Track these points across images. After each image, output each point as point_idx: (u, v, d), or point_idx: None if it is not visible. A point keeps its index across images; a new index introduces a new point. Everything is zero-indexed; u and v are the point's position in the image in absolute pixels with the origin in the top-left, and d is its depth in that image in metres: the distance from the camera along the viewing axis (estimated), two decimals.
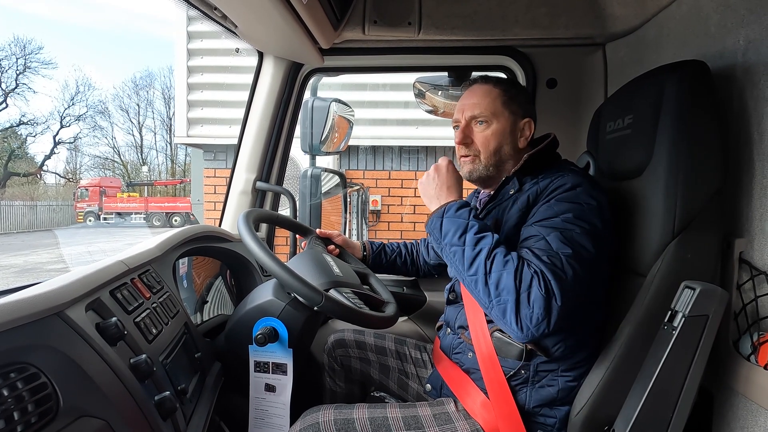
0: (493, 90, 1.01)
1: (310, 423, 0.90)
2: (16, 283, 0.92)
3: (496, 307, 0.81)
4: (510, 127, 1.00)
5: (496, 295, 0.81)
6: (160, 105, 27.91)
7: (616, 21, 1.27)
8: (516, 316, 0.79)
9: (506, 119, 1.00)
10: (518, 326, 0.79)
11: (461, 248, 0.86)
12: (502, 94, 1.00)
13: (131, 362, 0.67)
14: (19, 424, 0.50)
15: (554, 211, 0.87)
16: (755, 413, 0.77)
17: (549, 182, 0.92)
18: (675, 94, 0.84)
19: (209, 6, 1.13)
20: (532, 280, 0.79)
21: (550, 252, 0.82)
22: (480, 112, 1.00)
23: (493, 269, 0.82)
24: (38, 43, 32.49)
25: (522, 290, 0.79)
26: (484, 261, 0.83)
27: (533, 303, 0.78)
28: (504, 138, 1.00)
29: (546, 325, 0.78)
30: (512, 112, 1.00)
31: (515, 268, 0.80)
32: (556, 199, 0.88)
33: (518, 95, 1.02)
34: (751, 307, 0.82)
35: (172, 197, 20.18)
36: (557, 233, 0.83)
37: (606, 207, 0.89)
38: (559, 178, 0.91)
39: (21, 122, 24.49)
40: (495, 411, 0.90)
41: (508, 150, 1.00)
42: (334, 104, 1.53)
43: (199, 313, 1.23)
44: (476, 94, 1.02)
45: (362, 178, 5.32)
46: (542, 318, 0.77)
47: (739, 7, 0.87)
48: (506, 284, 0.79)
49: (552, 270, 0.79)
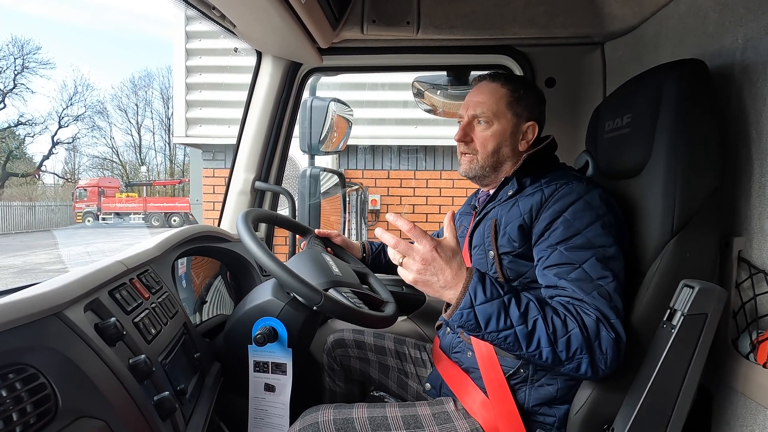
0: (500, 90, 1.00)
1: (310, 423, 0.90)
2: (14, 284, 0.92)
3: (569, 365, 0.77)
4: (512, 129, 0.99)
5: (568, 359, 0.76)
6: (158, 105, 27.96)
7: (615, 20, 1.27)
8: (593, 367, 0.76)
9: (508, 121, 0.99)
10: (594, 373, 0.77)
11: (512, 330, 0.76)
12: (508, 94, 0.99)
13: (130, 362, 0.67)
14: (17, 425, 0.50)
15: (576, 228, 0.84)
16: (754, 411, 0.77)
17: (554, 190, 0.90)
18: (673, 93, 0.84)
19: (208, 6, 1.13)
20: (598, 327, 0.76)
21: (596, 286, 0.80)
22: (482, 111, 0.99)
23: (558, 336, 0.76)
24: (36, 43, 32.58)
25: (593, 341, 0.76)
26: (545, 332, 0.75)
27: (606, 348, 0.76)
28: (504, 140, 0.99)
29: (617, 362, 0.77)
30: (516, 114, 0.99)
31: (578, 323, 0.76)
32: (572, 211, 0.86)
33: (527, 97, 1.00)
34: (749, 306, 0.82)
35: (171, 197, 20.18)
36: (591, 259, 0.81)
37: (617, 209, 0.89)
38: (564, 187, 0.89)
39: (19, 122, 24.47)
40: (494, 410, 0.90)
41: (506, 152, 1.00)
42: (333, 104, 1.53)
43: (198, 313, 1.23)
44: (483, 92, 1.01)
45: (361, 177, 5.32)
46: (615, 358, 0.77)
47: (737, 6, 0.87)
48: (578, 343, 0.75)
49: (609, 306, 0.78)
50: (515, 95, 1.00)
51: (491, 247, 0.95)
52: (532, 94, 1.02)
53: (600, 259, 0.81)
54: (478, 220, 1.02)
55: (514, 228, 0.91)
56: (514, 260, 0.92)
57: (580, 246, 0.83)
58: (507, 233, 0.93)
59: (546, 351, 0.75)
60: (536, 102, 1.02)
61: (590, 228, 0.84)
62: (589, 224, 0.84)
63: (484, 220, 1.00)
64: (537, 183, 0.94)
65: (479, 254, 0.98)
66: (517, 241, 0.91)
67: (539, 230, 0.88)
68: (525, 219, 0.90)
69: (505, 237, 0.93)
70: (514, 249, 0.92)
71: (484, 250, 0.97)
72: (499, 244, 0.94)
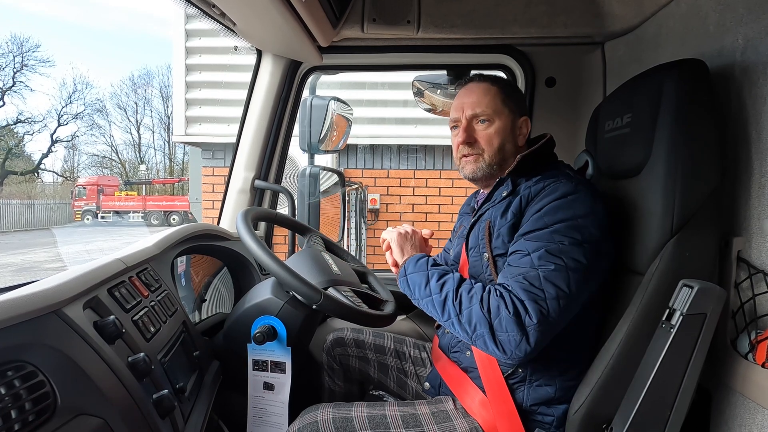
0: (492, 88, 1.00)
1: (309, 422, 0.90)
2: (13, 282, 0.92)
3: (477, 341, 0.83)
4: (510, 124, 1.00)
5: (472, 331, 0.82)
6: (158, 103, 27.89)
7: (615, 20, 1.27)
8: (495, 343, 0.80)
9: (506, 117, 0.99)
10: (501, 352, 0.80)
11: (430, 298, 0.89)
12: (500, 92, 1.00)
13: (129, 360, 0.67)
14: (16, 423, 0.50)
15: (543, 222, 0.85)
16: (753, 411, 0.77)
17: (541, 188, 0.90)
18: (674, 92, 0.84)
19: (208, 4, 1.13)
20: (498, 305, 0.80)
21: (528, 270, 0.82)
22: (482, 110, 0.99)
23: (463, 307, 0.84)
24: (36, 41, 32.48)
25: (493, 317, 0.80)
26: (452, 303, 0.85)
27: (506, 327, 0.79)
28: (506, 135, 0.99)
29: (526, 344, 0.78)
30: (511, 110, 1.00)
31: (480, 299, 0.83)
32: (548, 208, 0.86)
33: (514, 94, 1.03)
34: (749, 306, 0.82)
35: (171, 196, 20.16)
36: (542, 249, 0.83)
37: (602, 213, 0.87)
38: (551, 185, 0.89)
39: (18, 120, 24.43)
40: (493, 409, 0.90)
41: (510, 148, 1.00)
42: (333, 102, 1.53)
43: (197, 312, 1.23)
44: (475, 92, 1.01)
45: (361, 176, 5.31)
46: (520, 338, 0.78)
47: (737, 6, 0.87)
48: (477, 317, 0.81)
49: (525, 289, 0.80)
50: (506, 92, 1.01)
51: (485, 249, 0.94)
52: (517, 91, 1.05)
53: (551, 251, 0.82)
54: (473, 222, 1.02)
55: (506, 229, 0.91)
56: None
57: (538, 237, 0.84)
58: (501, 235, 0.92)
59: (455, 321, 0.85)
60: (521, 99, 1.05)
61: (559, 224, 0.84)
62: (559, 221, 0.84)
63: (479, 221, 1.00)
64: (529, 182, 0.94)
65: (475, 256, 0.98)
66: (509, 243, 0.91)
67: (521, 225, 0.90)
68: (516, 218, 0.91)
69: (499, 239, 0.93)
70: (507, 251, 0.91)
71: (479, 251, 0.97)
72: (493, 245, 0.93)
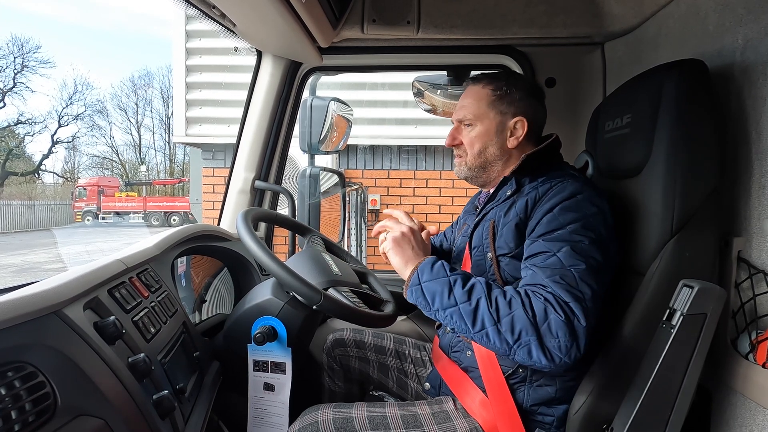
0: (481, 91, 1.01)
1: (309, 422, 0.90)
2: (14, 283, 0.92)
3: (519, 351, 0.76)
4: (496, 127, 0.99)
5: (515, 340, 0.75)
6: (158, 104, 27.92)
7: (615, 20, 1.27)
8: (543, 351, 0.75)
9: (491, 120, 0.99)
10: (549, 360, 0.75)
11: (456, 308, 0.79)
12: (489, 94, 1.00)
13: (129, 361, 0.67)
14: (16, 423, 0.50)
15: (559, 222, 0.85)
16: (753, 411, 0.77)
17: (548, 188, 0.90)
18: (673, 93, 0.84)
19: (208, 5, 1.13)
20: (545, 309, 0.76)
21: (563, 271, 0.79)
22: (464, 115, 1.01)
23: (501, 314, 0.77)
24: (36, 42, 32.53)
25: (540, 323, 0.75)
26: (487, 310, 0.77)
27: (556, 331, 0.74)
28: (488, 139, 1.00)
29: (576, 349, 0.75)
30: (500, 112, 0.99)
31: (522, 303, 0.76)
32: (559, 208, 0.86)
33: (510, 93, 0.99)
34: (749, 306, 0.82)
35: (171, 197, 20.18)
36: (567, 248, 0.81)
37: (609, 213, 0.88)
38: (558, 185, 0.90)
39: (19, 121, 24.46)
40: (493, 409, 0.90)
41: (493, 151, 1.00)
42: (333, 103, 1.53)
43: (197, 312, 1.23)
44: (467, 95, 1.03)
45: (361, 177, 5.32)
46: (571, 343, 0.74)
47: (737, 7, 0.87)
48: (522, 324, 0.75)
49: (566, 290, 0.77)
50: (497, 93, 1.00)
51: (489, 248, 0.95)
52: (519, 89, 1.00)
53: (576, 250, 0.81)
54: (477, 221, 1.02)
55: (511, 229, 0.91)
56: (511, 262, 0.92)
57: (558, 238, 0.84)
58: (504, 234, 0.92)
59: (491, 331, 0.76)
60: (525, 96, 1.00)
61: (573, 225, 0.84)
62: (572, 221, 0.84)
63: (483, 220, 1.00)
64: (534, 182, 0.94)
65: (478, 255, 0.98)
66: (513, 242, 0.91)
67: (531, 227, 0.89)
68: (521, 218, 0.91)
69: (502, 238, 0.93)
70: (511, 250, 0.91)
71: (483, 251, 0.97)
72: (497, 245, 0.94)
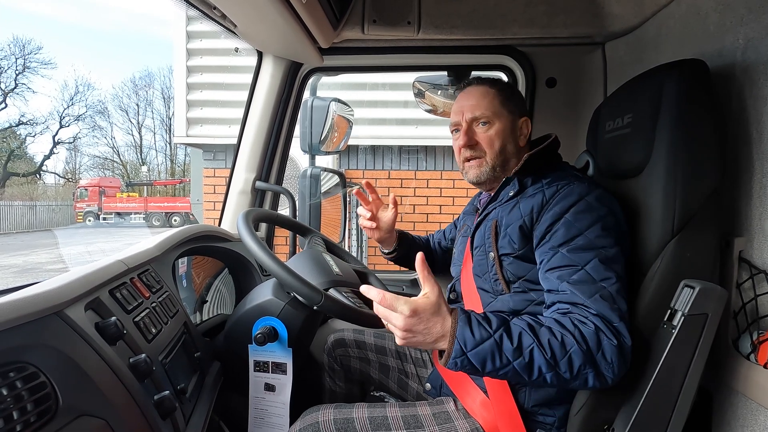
0: (490, 90, 1.01)
1: (310, 422, 0.90)
2: (15, 283, 0.92)
3: (577, 383, 0.75)
4: (510, 125, 1.00)
5: (574, 376, 0.73)
6: (159, 105, 27.95)
7: (615, 20, 1.27)
8: (599, 378, 0.74)
9: (506, 118, 1.00)
10: (603, 384, 0.75)
11: (510, 367, 0.73)
12: (498, 93, 1.01)
13: (130, 362, 0.67)
14: (18, 424, 0.50)
15: (577, 228, 0.83)
16: (755, 412, 0.77)
17: (555, 191, 0.89)
18: (674, 92, 0.84)
19: (208, 5, 1.13)
20: (598, 336, 0.74)
21: (599, 288, 0.78)
22: (482, 112, 0.99)
23: (558, 359, 0.73)
24: (38, 43, 32.59)
25: (595, 352, 0.73)
26: (543, 359, 0.72)
27: (610, 357, 0.73)
28: (507, 137, 1.00)
29: (626, 367, 0.75)
30: (510, 111, 1.00)
31: (575, 339, 0.73)
32: (573, 213, 0.85)
33: (513, 95, 1.03)
34: (750, 306, 0.82)
35: (172, 197, 20.18)
36: (594, 260, 0.80)
37: (619, 210, 0.89)
38: (565, 188, 0.89)
39: (20, 122, 24.53)
40: (494, 410, 0.90)
41: (511, 149, 1.00)
42: (334, 104, 1.53)
43: (198, 313, 1.23)
44: (473, 95, 1.01)
45: (362, 177, 5.31)
46: (621, 364, 0.74)
47: (738, 6, 0.87)
48: (579, 359, 0.73)
49: (611, 309, 0.76)
50: (504, 94, 1.01)
51: (491, 248, 0.94)
52: (516, 92, 1.05)
53: (602, 261, 0.80)
54: (479, 221, 1.02)
55: (515, 229, 0.91)
56: (514, 262, 0.92)
57: (581, 247, 0.82)
58: (508, 234, 0.92)
59: (550, 376, 0.73)
60: (520, 100, 1.05)
61: (591, 229, 0.83)
62: (590, 225, 0.84)
63: (485, 220, 1.00)
64: (538, 183, 0.93)
65: (480, 255, 0.98)
66: (517, 243, 0.91)
67: (540, 232, 0.88)
68: (526, 221, 0.90)
69: (505, 238, 0.92)
70: (514, 251, 0.91)
71: (485, 251, 0.97)
72: (499, 245, 0.93)
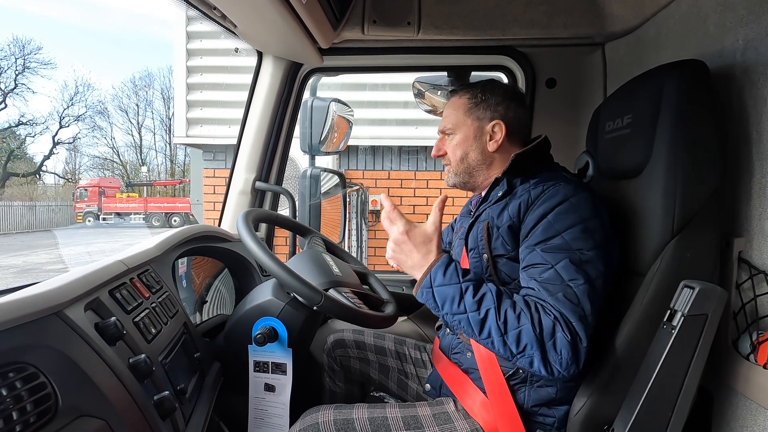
0: (459, 101, 1.04)
1: (310, 423, 0.90)
2: (15, 284, 0.92)
3: (521, 360, 0.79)
4: (474, 133, 1.01)
5: (519, 351, 0.78)
6: (159, 105, 27.95)
7: (615, 21, 1.27)
8: (545, 365, 0.77)
9: (469, 127, 1.02)
10: (548, 371, 0.78)
11: (464, 315, 0.81)
12: (466, 102, 1.03)
13: (130, 362, 0.67)
14: (17, 424, 0.50)
15: (556, 229, 0.84)
16: (755, 412, 0.77)
17: (540, 191, 0.89)
18: (674, 93, 0.84)
19: (208, 6, 1.13)
20: (554, 327, 0.77)
21: (564, 287, 0.80)
22: (445, 125, 1.05)
23: (509, 328, 0.79)
24: (38, 44, 32.58)
25: (546, 340, 0.77)
26: (495, 323, 0.79)
27: (560, 349, 0.77)
28: (468, 145, 1.02)
29: (576, 366, 0.78)
30: (477, 118, 1.01)
31: (531, 320, 0.78)
32: (554, 214, 0.85)
33: (486, 99, 1.01)
34: (750, 307, 0.82)
35: (172, 197, 20.20)
36: (565, 260, 0.81)
37: (605, 215, 0.88)
38: (551, 188, 0.89)
39: (20, 123, 24.51)
40: (494, 410, 0.90)
41: (475, 156, 1.02)
42: (334, 104, 1.53)
43: (198, 313, 1.23)
44: (448, 107, 1.06)
45: (362, 178, 5.32)
46: (571, 361, 0.77)
47: (738, 7, 0.87)
48: (528, 339, 0.77)
49: (572, 310, 0.78)
50: (473, 101, 1.02)
51: (485, 250, 0.94)
52: (496, 95, 1.01)
53: (574, 262, 0.81)
54: (471, 223, 1.02)
55: (506, 230, 0.91)
56: (508, 263, 0.92)
57: (556, 247, 0.83)
58: (500, 236, 0.92)
59: (497, 341, 0.79)
60: (502, 101, 1.01)
61: (570, 230, 0.83)
62: (569, 226, 0.84)
63: (477, 222, 1.00)
64: (527, 184, 0.94)
65: (474, 257, 0.98)
66: (509, 244, 0.91)
67: (524, 232, 0.89)
68: (514, 221, 0.91)
69: (498, 240, 0.93)
70: (507, 252, 0.91)
71: (479, 252, 0.96)
72: (492, 246, 0.93)
